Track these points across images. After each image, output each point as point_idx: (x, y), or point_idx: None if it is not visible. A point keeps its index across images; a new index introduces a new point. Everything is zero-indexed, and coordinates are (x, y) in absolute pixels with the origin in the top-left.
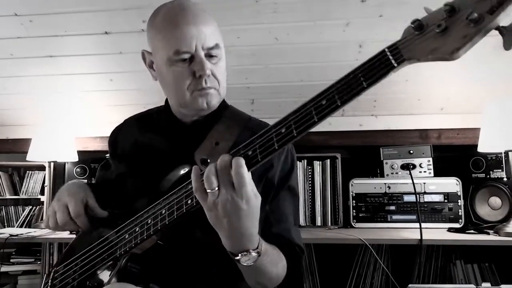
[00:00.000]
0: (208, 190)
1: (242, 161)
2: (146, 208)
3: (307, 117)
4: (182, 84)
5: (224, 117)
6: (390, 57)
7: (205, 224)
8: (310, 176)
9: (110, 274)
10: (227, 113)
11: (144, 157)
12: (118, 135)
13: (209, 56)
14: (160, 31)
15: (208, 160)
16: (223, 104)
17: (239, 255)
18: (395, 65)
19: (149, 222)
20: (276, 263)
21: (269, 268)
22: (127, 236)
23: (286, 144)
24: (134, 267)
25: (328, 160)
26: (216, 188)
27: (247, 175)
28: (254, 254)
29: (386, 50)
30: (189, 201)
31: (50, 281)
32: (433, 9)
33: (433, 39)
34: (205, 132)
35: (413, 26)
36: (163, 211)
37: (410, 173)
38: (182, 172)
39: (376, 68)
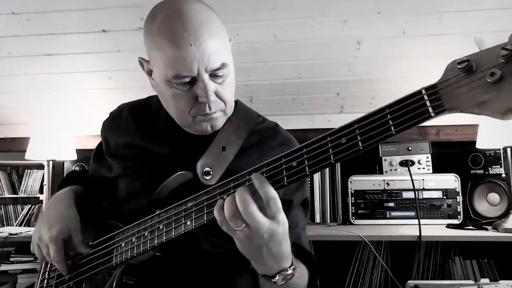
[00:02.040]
0: (236, 229)
1: (269, 186)
2: (142, 213)
3: (323, 155)
4: (183, 108)
5: (233, 116)
6: (428, 103)
7: (207, 237)
8: None
9: (107, 284)
10: (236, 112)
11: (143, 160)
12: (108, 129)
13: (214, 76)
14: (157, 46)
15: (211, 172)
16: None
17: (276, 276)
18: (432, 114)
19: (146, 234)
20: (303, 276)
21: (299, 282)
22: (123, 244)
23: (296, 181)
24: (130, 279)
25: None
26: (243, 225)
27: (279, 201)
28: (290, 271)
29: (424, 92)
30: (188, 223)
31: (47, 273)
32: (485, 42)
33: (483, 88)
34: (212, 134)
35: (460, 67)
36: (161, 226)
37: (409, 170)
38: (181, 179)
39: (409, 114)
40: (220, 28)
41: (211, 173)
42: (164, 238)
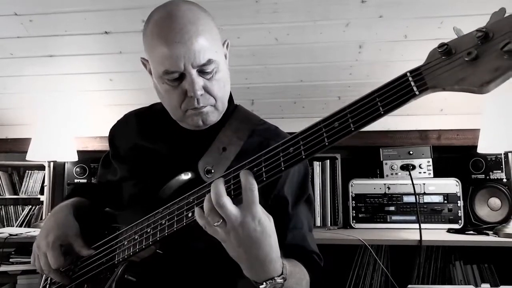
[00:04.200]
0: (214, 225)
1: (251, 175)
2: (145, 214)
3: (317, 139)
4: (175, 102)
5: (233, 119)
6: (412, 83)
7: (207, 235)
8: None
9: (108, 282)
10: (236, 115)
11: (145, 161)
12: (115, 135)
13: (202, 72)
14: (150, 46)
15: (213, 171)
16: (232, 105)
17: (264, 283)
18: (417, 93)
19: (148, 231)
20: (300, 282)
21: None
22: (126, 243)
23: (293, 166)
24: (132, 276)
25: (328, 160)
26: (221, 220)
27: (257, 192)
28: (279, 280)
29: (408, 74)
30: (189, 214)
31: (49, 278)
32: (463, 31)
33: (461, 67)
34: (212, 136)
35: (440, 50)
36: (163, 222)
37: (410, 174)
38: (184, 179)
39: (396, 94)
40: (208, 28)
41: (213, 171)
42: (166, 231)
